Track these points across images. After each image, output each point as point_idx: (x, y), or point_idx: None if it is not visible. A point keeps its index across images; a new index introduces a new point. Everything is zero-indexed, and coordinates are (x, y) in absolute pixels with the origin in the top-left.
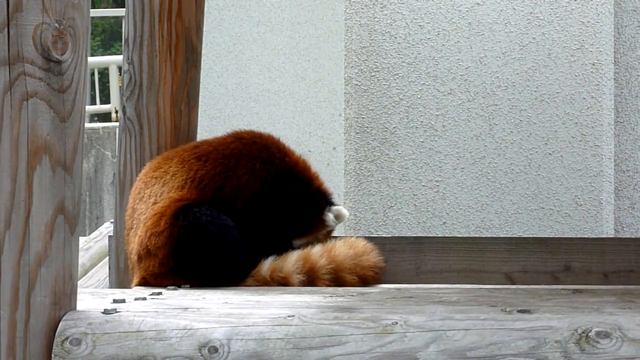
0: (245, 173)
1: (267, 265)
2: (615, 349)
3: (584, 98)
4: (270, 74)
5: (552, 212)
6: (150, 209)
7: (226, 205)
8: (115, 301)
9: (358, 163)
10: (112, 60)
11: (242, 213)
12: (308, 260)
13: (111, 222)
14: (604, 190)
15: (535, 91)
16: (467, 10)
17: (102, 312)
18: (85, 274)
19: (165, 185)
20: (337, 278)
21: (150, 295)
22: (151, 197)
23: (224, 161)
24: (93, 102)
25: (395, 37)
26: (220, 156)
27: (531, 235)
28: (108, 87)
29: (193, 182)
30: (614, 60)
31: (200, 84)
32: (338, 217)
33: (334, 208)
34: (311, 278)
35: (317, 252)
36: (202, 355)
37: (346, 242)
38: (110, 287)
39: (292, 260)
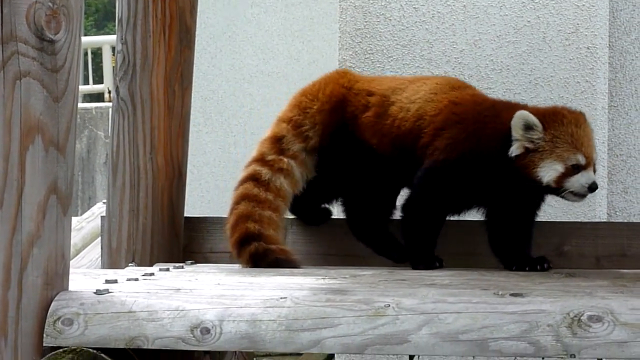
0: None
1: None
2: (607, 332)
3: (578, 82)
4: (264, 56)
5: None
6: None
7: None
8: (107, 282)
9: None
10: (106, 40)
11: None
12: None
13: (103, 203)
14: (598, 175)
15: (529, 75)
16: None
17: (94, 293)
18: (78, 254)
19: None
20: None
21: (143, 276)
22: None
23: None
24: (86, 82)
25: (390, 20)
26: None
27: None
28: (101, 67)
29: None
30: (609, 44)
31: (194, 65)
32: (523, 127)
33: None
34: None
35: None
36: (194, 337)
37: None
38: (103, 267)
39: None
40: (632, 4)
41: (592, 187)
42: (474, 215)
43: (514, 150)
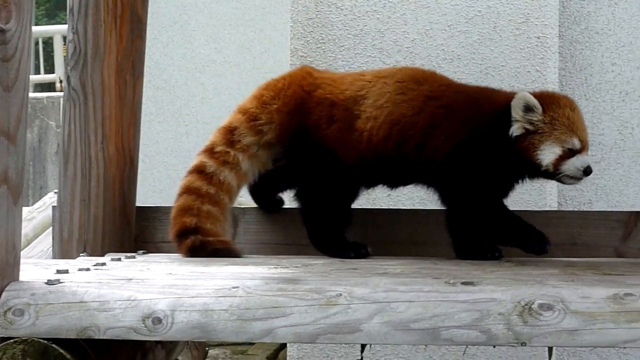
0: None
1: None
2: (558, 321)
3: (529, 71)
4: (216, 45)
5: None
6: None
7: None
8: (58, 272)
9: None
10: (57, 29)
11: None
12: None
13: (55, 193)
14: None
15: (480, 64)
16: None
17: (46, 283)
18: (29, 244)
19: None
20: None
21: (94, 266)
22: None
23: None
24: (37, 72)
25: (342, 9)
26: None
27: None
28: (52, 57)
29: None
30: (559, 34)
31: (146, 54)
32: (524, 108)
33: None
34: None
35: None
36: (145, 327)
37: None
38: (54, 257)
39: None
40: None
41: (587, 171)
42: (424, 204)
43: (515, 130)
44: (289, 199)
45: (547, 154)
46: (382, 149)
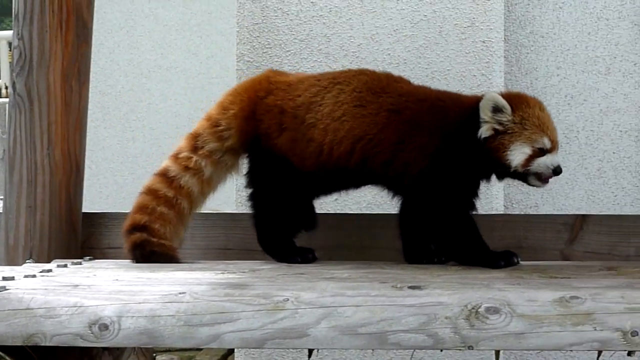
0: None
1: None
2: (505, 324)
3: (475, 75)
4: (162, 50)
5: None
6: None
7: None
8: (4, 278)
9: None
10: (2, 35)
11: None
12: None
13: (0, 199)
14: None
15: (426, 68)
16: None
17: None
18: None
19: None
20: None
21: (40, 272)
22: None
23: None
24: None
25: (288, 14)
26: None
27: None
28: None
29: None
30: (504, 38)
31: (92, 60)
32: (492, 109)
33: (482, 107)
34: None
35: None
36: (92, 333)
37: None
38: None
39: None
40: None
41: (557, 171)
42: (371, 208)
43: (483, 132)
44: (239, 203)
45: (517, 154)
46: (344, 163)
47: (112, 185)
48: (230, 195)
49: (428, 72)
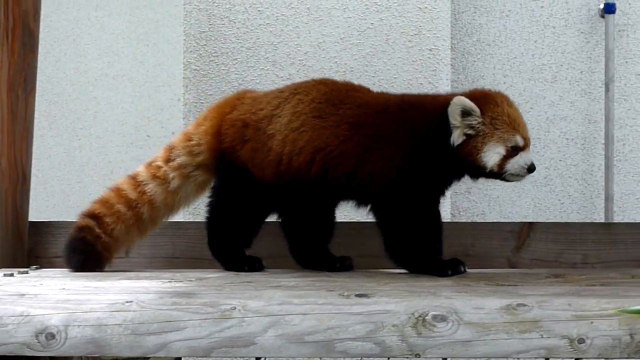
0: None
1: None
2: (452, 332)
3: (422, 83)
4: (108, 59)
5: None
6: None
7: None
8: None
9: None
10: None
11: None
12: None
13: None
14: None
15: (373, 76)
16: None
17: None
18: None
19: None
20: None
21: None
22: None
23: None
24: None
25: (234, 22)
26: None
27: (370, 221)
28: None
29: None
30: (451, 46)
31: (38, 69)
32: (461, 113)
33: (450, 113)
34: None
35: None
36: (39, 342)
37: None
38: None
39: None
40: (474, 6)
41: (531, 168)
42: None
43: (456, 138)
44: (185, 212)
45: (492, 155)
46: (304, 174)
47: (58, 194)
48: None
49: (375, 80)
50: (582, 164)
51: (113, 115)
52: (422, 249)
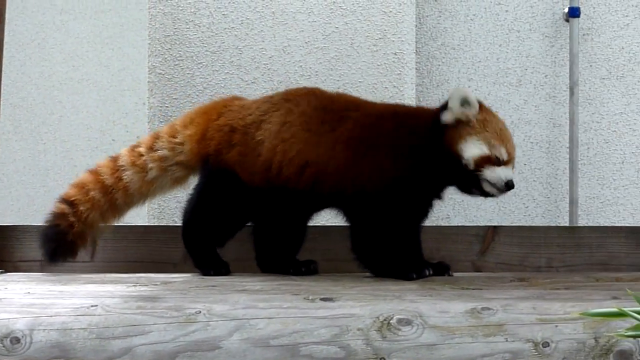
0: None
1: None
2: (417, 335)
3: (386, 87)
4: (73, 63)
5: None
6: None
7: None
8: None
9: None
10: None
11: None
12: None
13: None
14: None
15: (338, 80)
16: (270, 0)
17: None
18: None
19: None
20: None
21: None
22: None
23: None
24: None
25: (199, 26)
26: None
27: (335, 225)
28: None
29: None
30: (416, 50)
31: (3, 73)
32: (461, 101)
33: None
34: None
35: None
36: (4, 346)
37: None
38: None
39: None
40: (438, 10)
41: (509, 185)
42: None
43: (447, 117)
44: (150, 216)
45: (472, 149)
46: (293, 184)
47: (23, 198)
48: (142, 208)
49: (340, 84)
50: (546, 167)
51: (78, 119)
52: (390, 253)
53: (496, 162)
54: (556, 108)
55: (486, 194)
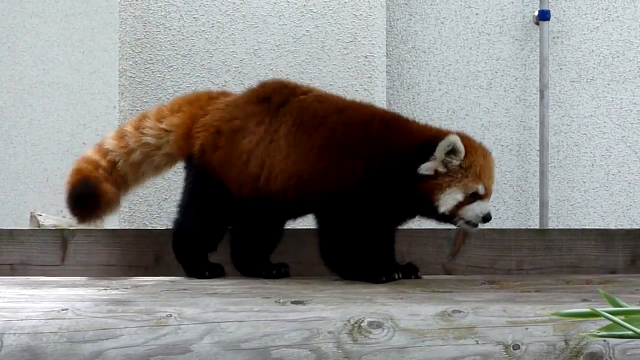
0: None
1: None
2: (387, 338)
3: (357, 90)
4: (44, 66)
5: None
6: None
7: None
8: None
9: None
10: None
11: None
12: None
13: None
14: None
15: (309, 83)
16: (241, 3)
17: None
18: None
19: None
20: None
21: None
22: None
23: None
24: None
25: (170, 29)
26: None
27: (306, 227)
28: None
29: None
30: (386, 53)
31: None
32: (448, 151)
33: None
34: None
35: None
36: None
37: None
38: None
39: None
40: (409, 13)
41: (486, 218)
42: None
43: (426, 168)
44: (121, 219)
45: (448, 200)
46: (281, 196)
47: None
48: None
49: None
50: (517, 170)
51: (48, 122)
52: (359, 255)
53: (472, 199)
54: (526, 111)
55: (463, 228)
